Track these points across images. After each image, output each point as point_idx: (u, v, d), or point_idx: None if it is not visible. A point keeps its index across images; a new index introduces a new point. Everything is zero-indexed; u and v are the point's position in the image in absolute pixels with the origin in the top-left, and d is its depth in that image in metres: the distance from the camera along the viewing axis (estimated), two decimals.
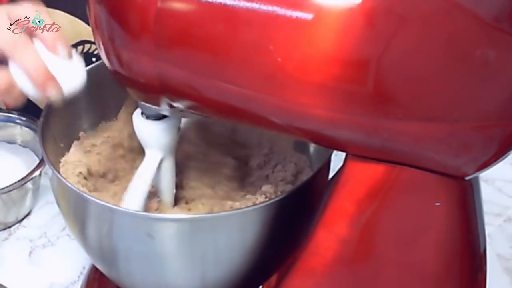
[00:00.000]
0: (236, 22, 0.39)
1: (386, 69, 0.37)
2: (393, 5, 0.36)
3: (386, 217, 0.43)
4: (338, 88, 0.38)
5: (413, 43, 0.36)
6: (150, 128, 0.53)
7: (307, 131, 0.42)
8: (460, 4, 0.36)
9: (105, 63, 0.46)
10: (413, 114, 0.38)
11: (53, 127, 0.60)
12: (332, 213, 0.44)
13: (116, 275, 0.59)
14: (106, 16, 0.43)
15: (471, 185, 0.43)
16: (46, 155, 0.54)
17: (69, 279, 0.73)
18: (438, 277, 0.44)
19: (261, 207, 0.50)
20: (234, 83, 0.40)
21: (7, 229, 0.79)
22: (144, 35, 0.41)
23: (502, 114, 0.38)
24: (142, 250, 0.52)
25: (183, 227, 0.50)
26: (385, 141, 0.40)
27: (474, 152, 0.40)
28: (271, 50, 0.38)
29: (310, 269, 0.45)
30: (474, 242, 0.44)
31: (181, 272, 0.54)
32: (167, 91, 0.44)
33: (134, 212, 0.53)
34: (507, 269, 0.75)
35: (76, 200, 0.54)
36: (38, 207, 0.82)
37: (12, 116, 0.84)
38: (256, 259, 0.53)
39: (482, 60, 0.37)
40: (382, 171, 0.42)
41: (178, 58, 0.41)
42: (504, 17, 0.36)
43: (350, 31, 0.36)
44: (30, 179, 0.76)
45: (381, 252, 0.44)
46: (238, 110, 0.42)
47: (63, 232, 0.78)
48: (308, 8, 0.37)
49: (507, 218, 0.82)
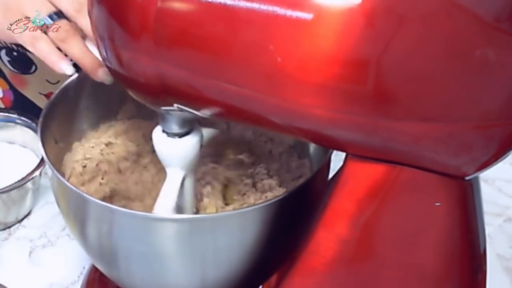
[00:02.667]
0: (236, 22, 0.39)
1: (386, 69, 0.37)
2: (393, 5, 0.36)
3: (386, 217, 0.43)
4: (338, 88, 0.38)
5: (413, 43, 0.36)
6: (172, 146, 0.51)
7: (307, 131, 0.42)
8: (460, 4, 0.36)
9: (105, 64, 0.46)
10: (413, 114, 0.38)
11: (53, 127, 0.60)
12: (332, 213, 0.44)
13: (116, 275, 0.59)
14: (105, 16, 0.43)
15: (471, 185, 0.43)
16: (46, 155, 0.54)
17: (69, 279, 0.73)
18: (438, 277, 0.44)
19: (261, 207, 0.50)
20: (234, 83, 0.40)
21: (7, 229, 0.79)
22: (144, 35, 0.41)
23: (502, 114, 0.38)
24: (142, 250, 0.52)
25: (183, 227, 0.50)
26: (385, 141, 0.40)
27: (474, 152, 0.40)
28: (271, 50, 0.38)
29: (310, 269, 0.45)
30: (474, 242, 0.44)
31: (181, 272, 0.54)
32: (167, 91, 0.44)
33: (134, 212, 0.53)
34: (507, 269, 0.76)
35: (76, 200, 0.54)
36: (38, 207, 0.82)
37: (12, 116, 0.84)
38: (256, 259, 0.53)
39: (482, 60, 0.37)
40: (382, 171, 0.42)
41: (178, 58, 0.41)
42: (504, 17, 0.36)
43: (350, 31, 0.36)
44: (30, 179, 0.76)
45: (381, 252, 0.44)
46: (238, 110, 0.42)
47: (63, 232, 0.78)
48: (308, 8, 0.37)
49: (507, 218, 0.82)
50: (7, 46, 0.82)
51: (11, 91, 0.89)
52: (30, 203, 0.80)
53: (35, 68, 0.83)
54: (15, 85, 0.88)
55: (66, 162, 0.64)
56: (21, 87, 0.88)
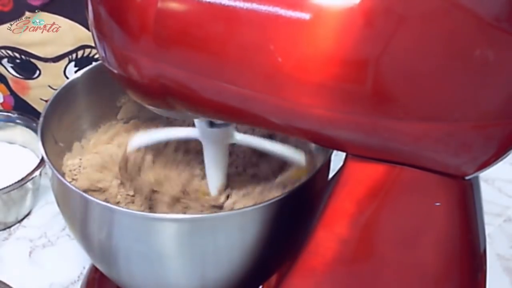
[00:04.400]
0: (236, 22, 0.39)
1: (386, 68, 0.37)
2: (392, 4, 0.36)
3: (386, 217, 0.43)
4: (338, 87, 0.38)
5: (412, 43, 0.36)
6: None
7: (307, 131, 0.42)
8: (459, 3, 0.36)
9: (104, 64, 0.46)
10: (412, 113, 0.38)
11: (53, 127, 0.60)
12: (332, 213, 0.44)
13: (116, 275, 0.59)
14: (105, 16, 0.43)
15: (471, 185, 0.43)
16: (46, 155, 0.54)
17: (69, 279, 0.73)
18: (438, 277, 0.44)
19: (261, 207, 0.50)
20: (234, 83, 0.40)
21: (7, 229, 0.79)
22: (144, 35, 0.41)
23: (502, 113, 0.38)
24: (142, 250, 0.52)
25: (183, 227, 0.50)
26: (385, 141, 0.40)
27: (474, 151, 0.40)
28: (271, 50, 0.38)
29: (310, 269, 0.45)
30: (474, 242, 0.44)
31: (181, 272, 0.54)
32: (167, 92, 0.44)
33: (134, 212, 0.53)
34: (507, 269, 0.76)
35: (76, 200, 0.54)
36: (38, 207, 0.82)
37: (12, 116, 0.84)
38: (256, 259, 0.53)
39: (481, 60, 0.37)
40: (382, 171, 0.42)
41: (178, 58, 0.41)
42: (504, 17, 0.36)
43: (349, 31, 0.36)
44: (30, 179, 0.76)
45: (381, 252, 0.44)
46: (238, 110, 0.42)
47: (63, 232, 0.78)
48: (307, 7, 0.37)
49: (507, 218, 0.82)
50: (9, 55, 0.82)
51: (11, 97, 0.89)
52: (30, 203, 0.80)
53: (39, 73, 0.83)
54: (16, 91, 0.88)
55: (66, 162, 0.64)
56: (22, 93, 0.88)
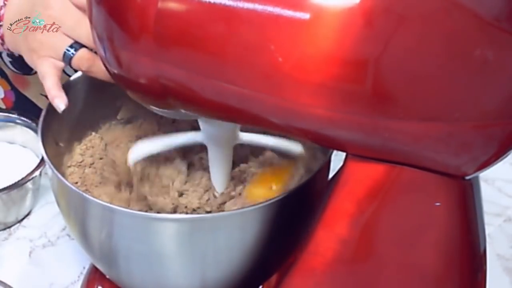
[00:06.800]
0: (236, 22, 0.39)
1: (385, 68, 0.37)
2: (392, 4, 0.36)
3: (386, 217, 0.43)
4: (338, 87, 0.38)
5: (412, 43, 0.36)
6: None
7: (307, 131, 0.42)
8: (459, 3, 0.36)
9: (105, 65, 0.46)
10: (412, 113, 0.38)
11: (53, 127, 0.60)
12: (332, 213, 0.44)
13: (116, 275, 0.59)
14: (105, 17, 0.43)
15: (471, 185, 0.43)
16: (46, 155, 0.54)
17: (69, 279, 0.73)
18: (438, 277, 0.44)
19: (261, 207, 0.50)
20: (234, 83, 0.40)
21: (7, 229, 0.79)
22: (144, 35, 0.41)
23: (502, 113, 0.38)
24: (142, 250, 0.52)
25: (183, 227, 0.51)
26: (385, 141, 0.40)
27: (474, 151, 0.40)
28: (271, 50, 0.38)
29: (310, 269, 0.45)
30: (474, 242, 0.44)
31: (181, 272, 0.54)
32: (167, 92, 0.44)
33: (134, 212, 0.53)
34: (507, 269, 0.76)
35: (76, 200, 0.54)
36: (38, 207, 0.82)
37: (12, 116, 0.84)
38: (256, 259, 0.53)
39: (481, 59, 0.37)
40: (382, 171, 0.42)
41: (178, 58, 0.41)
42: (504, 17, 0.36)
43: (349, 31, 0.36)
44: (30, 179, 0.76)
45: (381, 252, 0.44)
46: (238, 110, 0.42)
47: (63, 232, 0.78)
48: (307, 7, 0.37)
49: (507, 218, 0.82)
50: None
51: (12, 92, 0.89)
52: (30, 203, 0.80)
53: None
54: (17, 85, 0.88)
55: (66, 162, 0.64)
56: (22, 88, 0.88)
